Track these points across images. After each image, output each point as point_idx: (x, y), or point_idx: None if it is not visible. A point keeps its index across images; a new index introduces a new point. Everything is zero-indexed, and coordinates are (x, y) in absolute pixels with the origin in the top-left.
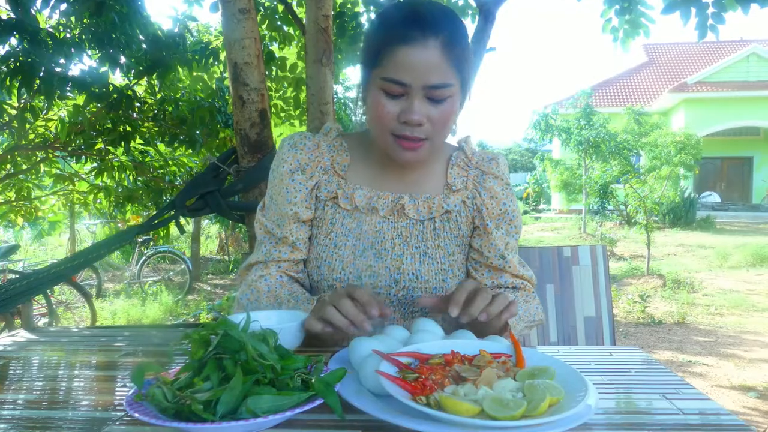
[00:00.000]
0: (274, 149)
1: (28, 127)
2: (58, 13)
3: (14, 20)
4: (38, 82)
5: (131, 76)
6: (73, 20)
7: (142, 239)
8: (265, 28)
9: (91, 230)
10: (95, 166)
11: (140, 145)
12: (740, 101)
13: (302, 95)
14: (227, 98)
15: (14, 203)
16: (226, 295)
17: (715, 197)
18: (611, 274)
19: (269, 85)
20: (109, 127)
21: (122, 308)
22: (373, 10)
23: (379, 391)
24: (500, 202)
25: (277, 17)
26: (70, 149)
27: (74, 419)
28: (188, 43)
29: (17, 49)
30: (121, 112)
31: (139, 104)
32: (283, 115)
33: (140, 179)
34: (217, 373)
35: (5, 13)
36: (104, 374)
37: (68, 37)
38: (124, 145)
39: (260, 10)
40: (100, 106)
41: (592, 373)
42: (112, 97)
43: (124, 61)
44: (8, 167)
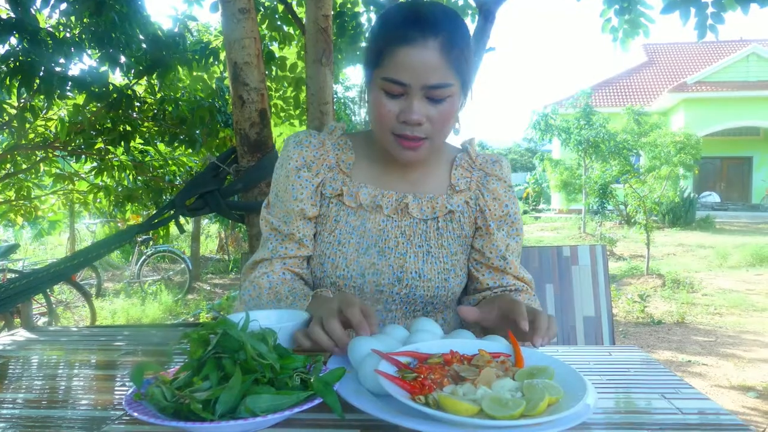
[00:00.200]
0: (273, 149)
1: (27, 126)
2: (58, 12)
3: (14, 20)
4: (38, 81)
5: (131, 75)
6: (73, 20)
7: (141, 239)
8: (265, 27)
9: (90, 230)
10: (95, 165)
11: (140, 144)
12: (740, 101)
13: (302, 95)
14: (227, 98)
15: (14, 202)
16: (225, 294)
17: (714, 197)
18: (611, 273)
19: (269, 84)
20: (108, 126)
21: (122, 308)
22: (373, 10)
23: (378, 390)
24: (503, 203)
25: (277, 17)
26: (69, 149)
27: (73, 418)
28: (188, 42)
29: (17, 48)
30: (121, 111)
31: (139, 104)
32: (283, 114)
33: (140, 179)
34: (216, 372)
35: (5, 12)
36: (103, 373)
37: (68, 36)
38: (123, 144)
39: (260, 9)
40: (99, 105)
41: (591, 372)
42: (112, 96)
43: (124, 60)
44: (8, 167)
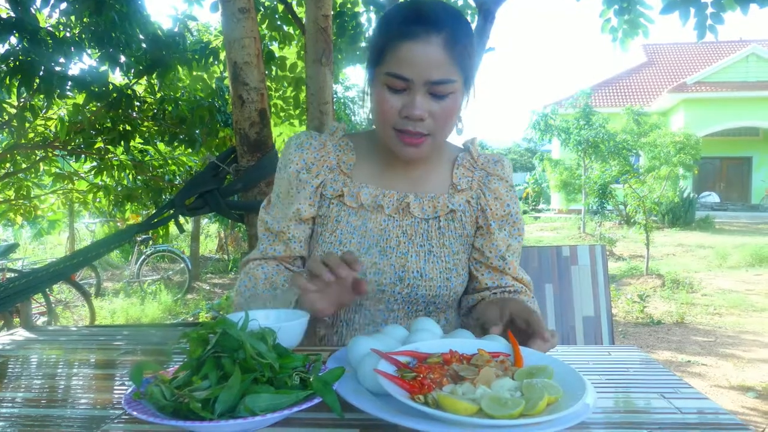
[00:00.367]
0: (273, 149)
1: (27, 126)
2: (57, 12)
3: (14, 19)
4: (38, 81)
5: (131, 75)
6: (72, 19)
7: (141, 238)
8: (265, 27)
9: (90, 229)
10: (95, 165)
11: (140, 144)
12: (739, 101)
13: (302, 95)
14: (227, 98)
15: (13, 202)
16: (225, 294)
17: (714, 197)
18: (610, 274)
19: (269, 84)
20: (108, 126)
21: (121, 307)
22: (372, 10)
23: (377, 389)
24: (504, 203)
25: (276, 17)
26: (69, 148)
27: (73, 417)
28: (188, 42)
29: (17, 48)
30: (120, 111)
31: (138, 103)
32: (282, 114)
33: (140, 178)
34: (215, 371)
35: (5, 11)
36: (103, 372)
37: (68, 36)
38: (123, 144)
39: (260, 9)
40: (99, 105)
41: (590, 372)
42: (111, 96)
43: (123, 60)
44: (8, 166)
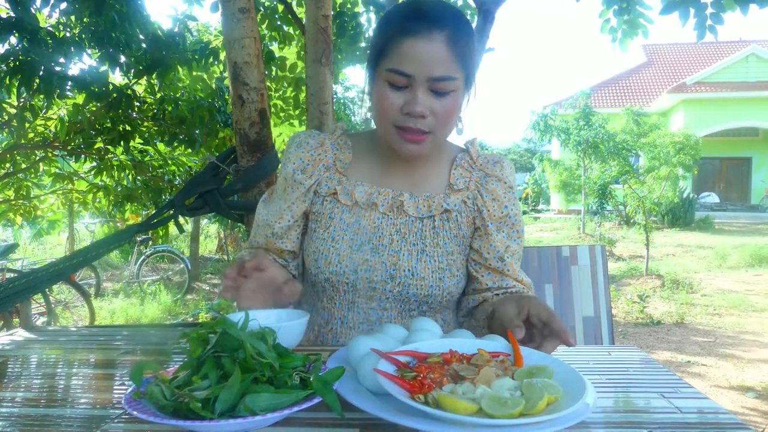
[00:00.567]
0: (273, 149)
1: (27, 126)
2: (57, 12)
3: (14, 19)
4: (38, 81)
5: (131, 75)
6: (72, 19)
7: (141, 238)
8: (264, 27)
9: (90, 229)
10: (94, 165)
11: (140, 144)
12: (739, 102)
13: (302, 95)
14: (227, 98)
15: (13, 202)
16: None
17: (713, 198)
18: (610, 274)
19: (269, 84)
20: (108, 126)
21: (121, 307)
22: (372, 10)
23: (377, 389)
24: (502, 204)
25: (276, 17)
26: (69, 148)
27: (72, 417)
28: (188, 42)
29: (17, 47)
30: (120, 111)
31: (138, 103)
32: (282, 115)
33: (139, 178)
34: (215, 371)
35: (5, 11)
36: (102, 372)
37: (68, 36)
38: (123, 144)
39: (260, 9)
40: (99, 105)
41: (590, 372)
42: (111, 96)
43: (123, 60)
44: (7, 166)
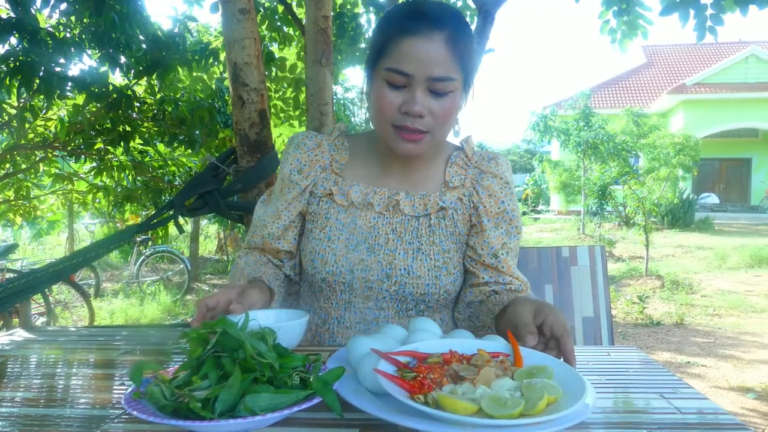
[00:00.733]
0: (273, 149)
1: (27, 126)
2: (58, 12)
3: (14, 19)
4: (38, 81)
5: (131, 76)
6: (73, 20)
7: (140, 239)
8: (264, 28)
9: (89, 230)
10: (94, 165)
11: (139, 145)
12: (739, 103)
13: (302, 96)
14: (227, 98)
15: (13, 202)
16: None
17: (713, 198)
18: (610, 275)
19: (269, 85)
20: (108, 126)
21: (120, 308)
22: (372, 11)
23: (377, 389)
24: (498, 200)
25: (276, 18)
26: (69, 149)
27: (72, 417)
28: (188, 43)
29: (17, 48)
30: (120, 111)
31: (138, 104)
32: (282, 115)
33: (139, 179)
34: (215, 371)
35: (5, 12)
36: (102, 372)
37: (68, 36)
38: (123, 144)
39: (260, 10)
40: (99, 105)
41: (590, 372)
42: (111, 96)
43: (123, 60)
44: (7, 166)
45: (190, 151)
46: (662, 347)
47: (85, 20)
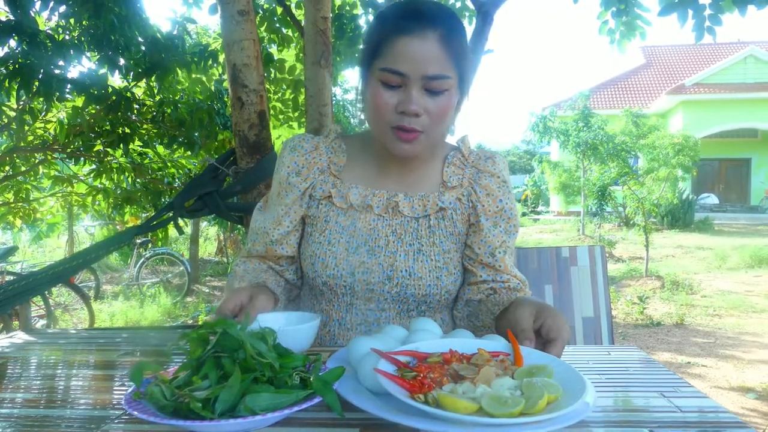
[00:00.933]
0: (272, 150)
1: (26, 128)
2: (57, 14)
3: (13, 22)
4: (37, 83)
5: (130, 78)
6: (72, 22)
7: (140, 241)
8: (263, 30)
9: (89, 232)
10: (94, 167)
11: (139, 146)
12: (738, 103)
13: (301, 97)
14: (226, 100)
15: (13, 205)
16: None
17: (713, 199)
18: (610, 275)
19: (268, 87)
20: (107, 128)
21: (120, 310)
22: (371, 12)
23: (377, 389)
24: (497, 199)
25: (275, 19)
26: (68, 151)
27: (73, 417)
28: (187, 45)
29: (16, 50)
30: (120, 113)
31: (137, 106)
32: (281, 117)
33: (139, 181)
34: (215, 371)
35: (4, 14)
36: (102, 373)
37: (67, 39)
38: (122, 146)
39: (259, 12)
40: (98, 107)
41: (590, 371)
42: (111, 99)
43: (123, 63)
44: (7, 169)
45: (189, 152)
46: (662, 348)
47: (84, 22)
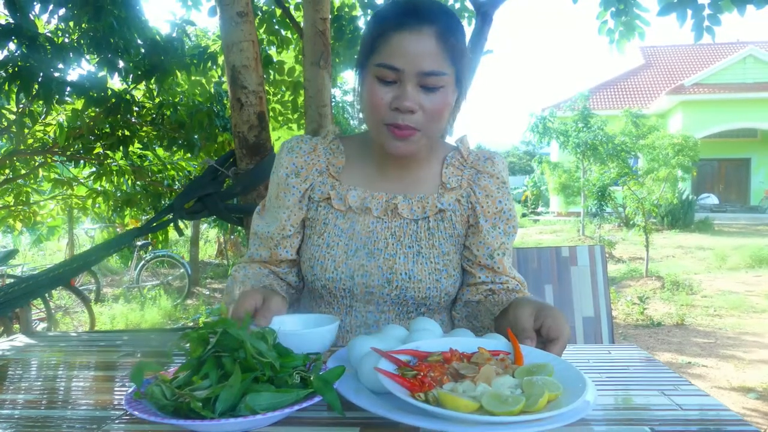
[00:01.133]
0: (272, 152)
1: (26, 131)
2: (56, 17)
3: (13, 25)
4: (37, 86)
5: (129, 80)
6: (71, 25)
7: (140, 243)
8: (262, 32)
9: (89, 235)
10: (94, 170)
11: (139, 149)
12: (737, 103)
13: (300, 99)
14: (225, 102)
15: (13, 208)
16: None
17: (713, 199)
18: (610, 276)
19: (267, 89)
20: (107, 131)
21: (121, 313)
22: (370, 13)
23: (377, 388)
24: (496, 200)
25: (274, 21)
26: (68, 154)
27: (74, 418)
28: (186, 47)
29: (16, 54)
30: (119, 116)
31: (137, 108)
32: (281, 119)
33: (139, 183)
34: (215, 370)
35: (4, 18)
36: (103, 374)
37: (67, 41)
38: (122, 149)
39: (258, 14)
40: (98, 110)
41: (590, 370)
42: (110, 101)
43: (122, 65)
44: (7, 172)
45: (189, 154)
46: (663, 348)
47: (83, 25)
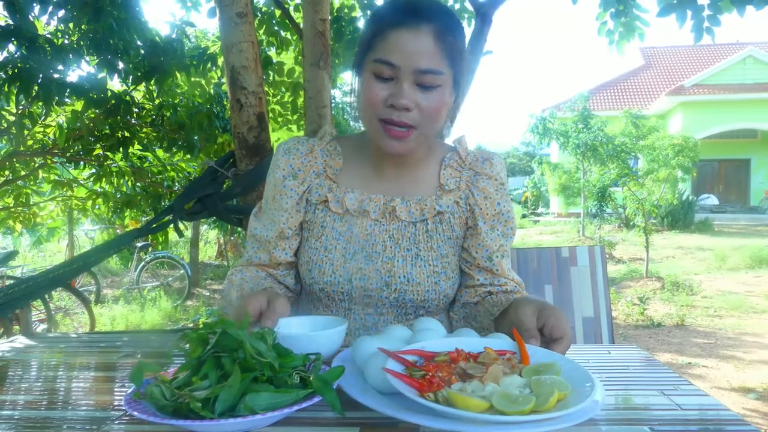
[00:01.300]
0: (271, 153)
1: (26, 133)
2: (56, 19)
3: (12, 26)
4: (36, 88)
5: (129, 81)
6: (71, 26)
7: (140, 245)
8: (262, 33)
9: (89, 236)
10: (94, 171)
11: (138, 150)
12: (737, 104)
13: (299, 100)
14: (225, 103)
15: (12, 209)
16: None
17: (713, 199)
18: (610, 276)
19: (267, 90)
20: (107, 132)
21: (121, 314)
22: (369, 14)
23: (384, 389)
24: (494, 202)
25: (274, 22)
26: (68, 155)
27: (73, 419)
28: (186, 48)
29: (15, 55)
30: (119, 117)
31: (137, 110)
32: (280, 120)
33: (139, 185)
34: (215, 371)
35: (3, 19)
36: (103, 375)
37: (66, 43)
38: (122, 150)
39: (257, 15)
40: (98, 111)
41: (591, 370)
42: (110, 102)
43: (122, 66)
44: (7, 173)
45: (189, 155)
46: (663, 348)
47: (83, 26)
